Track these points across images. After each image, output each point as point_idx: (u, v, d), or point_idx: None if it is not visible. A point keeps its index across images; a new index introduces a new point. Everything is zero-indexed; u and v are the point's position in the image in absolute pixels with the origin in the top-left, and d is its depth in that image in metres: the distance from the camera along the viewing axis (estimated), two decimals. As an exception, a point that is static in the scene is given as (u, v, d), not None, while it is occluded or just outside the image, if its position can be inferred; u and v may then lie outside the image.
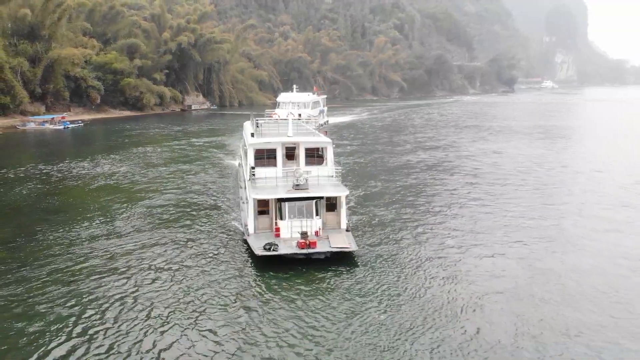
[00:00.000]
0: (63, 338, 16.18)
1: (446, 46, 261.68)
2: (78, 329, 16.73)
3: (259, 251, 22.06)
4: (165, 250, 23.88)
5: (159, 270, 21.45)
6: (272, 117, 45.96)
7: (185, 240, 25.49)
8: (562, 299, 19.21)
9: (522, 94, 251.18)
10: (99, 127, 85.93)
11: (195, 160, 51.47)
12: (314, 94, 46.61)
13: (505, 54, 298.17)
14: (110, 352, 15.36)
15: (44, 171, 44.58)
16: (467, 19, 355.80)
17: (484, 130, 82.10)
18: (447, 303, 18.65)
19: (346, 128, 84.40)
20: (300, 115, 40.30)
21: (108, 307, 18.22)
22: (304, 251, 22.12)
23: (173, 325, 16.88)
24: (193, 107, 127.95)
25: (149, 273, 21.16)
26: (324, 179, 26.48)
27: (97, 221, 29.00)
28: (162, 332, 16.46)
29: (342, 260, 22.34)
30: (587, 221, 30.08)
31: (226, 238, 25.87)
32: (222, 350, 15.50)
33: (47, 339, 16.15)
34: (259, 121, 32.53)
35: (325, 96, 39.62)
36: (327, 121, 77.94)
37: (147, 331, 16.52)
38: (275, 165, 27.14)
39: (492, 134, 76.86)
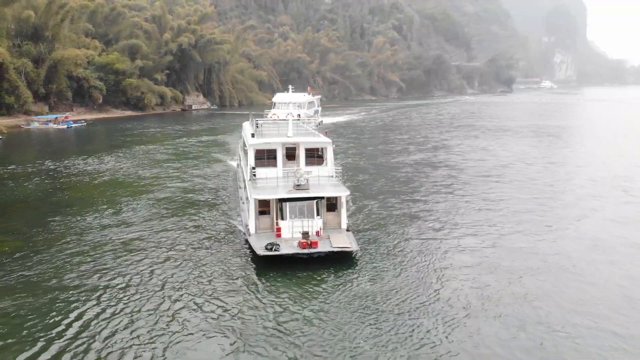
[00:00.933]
0: (74, 314, 17.94)
1: (445, 46, 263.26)
2: (86, 309, 18.46)
3: (260, 251, 22.11)
4: (166, 251, 24.04)
5: (162, 270, 21.71)
6: (271, 117, 45.93)
7: (187, 239, 25.69)
8: (528, 274, 21.76)
9: (520, 94, 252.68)
10: (101, 126, 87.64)
11: (196, 158, 53.12)
12: (308, 94, 47.11)
13: (503, 54, 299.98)
14: (115, 337, 16.56)
15: (51, 168, 46.32)
16: (467, 19, 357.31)
17: (480, 130, 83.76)
18: (443, 296, 19.41)
19: (343, 128, 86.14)
20: (299, 115, 40.18)
21: (113, 297, 19.43)
22: (306, 251, 22.21)
23: (176, 322, 17.27)
24: (193, 107, 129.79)
25: (153, 271, 21.65)
26: (324, 179, 26.57)
27: (104, 215, 30.69)
28: (165, 328, 16.92)
29: (342, 259, 22.61)
30: (565, 211, 31.94)
31: (227, 238, 26.08)
32: (225, 345, 16.01)
33: (61, 315, 17.90)
34: (259, 121, 32.30)
35: (319, 96, 40.22)
36: (322, 121, 79.41)
37: (150, 325, 17.10)
38: (275, 165, 27.24)
39: (488, 134, 78.51)
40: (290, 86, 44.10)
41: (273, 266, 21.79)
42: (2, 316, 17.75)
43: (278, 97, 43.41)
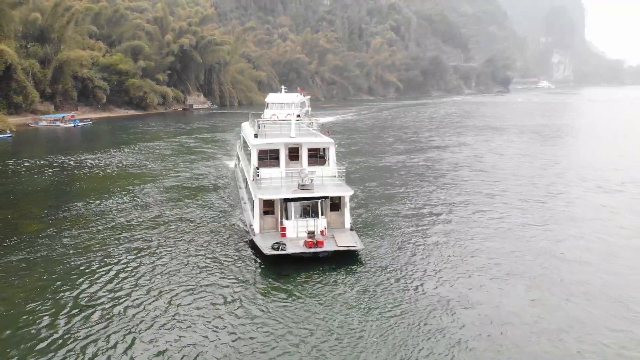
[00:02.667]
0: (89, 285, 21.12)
1: (442, 47, 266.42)
2: (104, 282, 21.54)
3: (267, 251, 22.39)
4: (170, 252, 24.15)
5: (168, 271, 21.91)
6: (271, 118, 45.37)
7: (192, 240, 25.86)
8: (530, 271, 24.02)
9: (517, 94, 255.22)
10: (106, 125, 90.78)
11: (198, 154, 56.19)
12: (299, 94, 47.97)
13: (500, 55, 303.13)
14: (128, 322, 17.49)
15: (64, 162, 49.46)
16: (465, 20, 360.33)
17: (469, 128, 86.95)
18: (446, 291, 20.16)
19: (337, 126, 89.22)
20: (299, 115, 40.79)
21: (126, 284, 20.60)
22: (312, 250, 22.59)
23: (190, 320, 17.67)
24: (194, 107, 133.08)
25: (162, 269, 22.08)
26: (328, 179, 26.92)
27: (117, 202, 33.86)
28: (178, 324, 17.44)
29: (347, 258, 23.08)
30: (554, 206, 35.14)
31: (231, 237, 26.40)
32: (240, 341, 16.53)
33: (83, 284, 21.07)
34: (261, 122, 32.16)
35: (309, 97, 41.28)
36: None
37: (159, 317, 17.81)
38: (278, 165, 27.52)
39: (479, 132, 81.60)
40: (282, 86, 45.23)
41: (279, 265, 22.22)
42: (36, 284, 20.91)
43: (271, 98, 43.97)
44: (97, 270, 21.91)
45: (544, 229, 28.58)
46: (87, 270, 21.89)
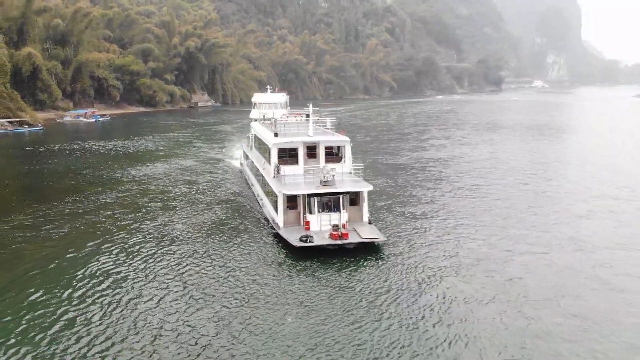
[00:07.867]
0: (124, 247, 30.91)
1: (436, 48, 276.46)
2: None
3: (297, 243, 23.70)
4: (200, 246, 24.96)
5: (203, 262, 22.90)
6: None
7: (219, 234, 26.80)
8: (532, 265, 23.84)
9: (508, 94, 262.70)
10: (122, 120, 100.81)
11: (203, 148, 65.73)
12: (283, 95, 48.31)
13: (493, 55, 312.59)
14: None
15: (95, 147, 59.37)
16: (460, 22, 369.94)
17: (453, 123, 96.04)
18: (466, 283, 20.77)
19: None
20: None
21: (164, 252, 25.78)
22: (338, 242, 23.90)
23: (223, 306, 18.52)
24: (199, 105, 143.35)
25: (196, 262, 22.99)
26: (346, 176, 28.15)
27: (145, 176, 43.74)
28: (209, 312, 18.14)
29: (369, 249, 24.41)
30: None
31: (256, 232, 27.54)
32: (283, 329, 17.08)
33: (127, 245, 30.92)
34: (280, 122, 33.40)
35: (288, 96, 42.43)
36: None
37: (196, 300, 18.98)
38: (296, 163, 28.78)
39: (469, 129, 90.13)
40: (268, 87, 46.75)
41: (307, 256, 23.40)
42: (106, 218, 30.83)
43: (258, 98, 45.02)
44: (137, 222, 31.77)
45: (568, 220, 29.83)
46: (133, 215, 31.78)
